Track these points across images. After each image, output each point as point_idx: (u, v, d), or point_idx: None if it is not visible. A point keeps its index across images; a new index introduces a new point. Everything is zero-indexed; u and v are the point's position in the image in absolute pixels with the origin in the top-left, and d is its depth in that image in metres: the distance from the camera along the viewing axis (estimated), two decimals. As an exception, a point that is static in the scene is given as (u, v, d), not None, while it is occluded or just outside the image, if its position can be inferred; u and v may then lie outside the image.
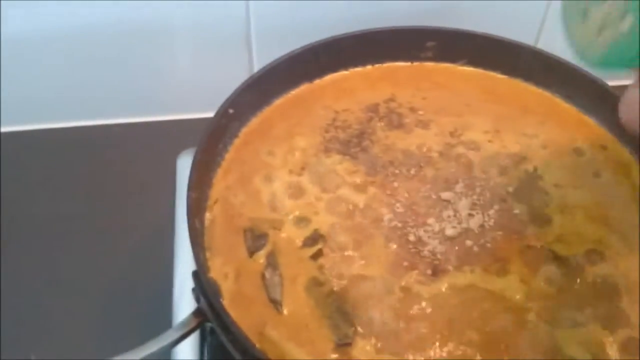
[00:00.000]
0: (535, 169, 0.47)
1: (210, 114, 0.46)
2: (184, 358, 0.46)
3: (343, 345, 0.38)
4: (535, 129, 0.49)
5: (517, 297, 0.40)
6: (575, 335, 0.38)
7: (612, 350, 0.38)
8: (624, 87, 0.41)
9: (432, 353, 0.37)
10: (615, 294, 0.40)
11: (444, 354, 0.37)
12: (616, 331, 0.38)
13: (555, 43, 0.62)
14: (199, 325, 0.37)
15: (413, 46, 0.53)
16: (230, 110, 0.47)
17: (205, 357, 0.46)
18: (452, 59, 0.54)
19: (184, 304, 0.47)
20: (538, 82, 0.52)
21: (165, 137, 0.64)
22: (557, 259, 0.42)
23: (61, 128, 0.65)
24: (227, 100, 0.47)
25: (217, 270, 0.41)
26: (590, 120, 0.50)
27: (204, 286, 0.37)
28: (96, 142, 0.66)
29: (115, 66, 0.64)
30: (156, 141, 0.65)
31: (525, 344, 0.38)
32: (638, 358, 0.37)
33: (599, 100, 0.49)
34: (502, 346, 0.38)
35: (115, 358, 0.33)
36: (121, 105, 0.67)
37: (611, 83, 0.49)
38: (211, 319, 0.36)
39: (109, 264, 0.56)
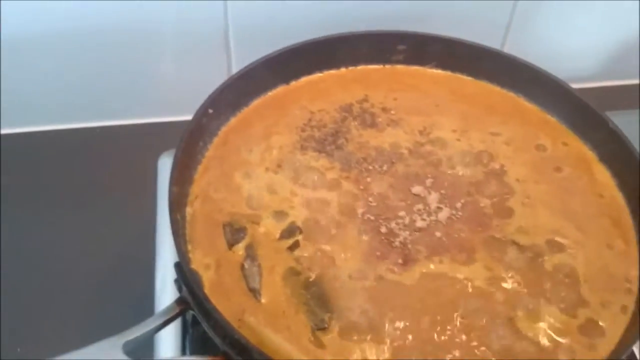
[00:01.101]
0: (501, 165, 0.49)
1: (190, 117, 0.48)
2: (166, 349, 0.47)
3: (319, 330, 0.40)
4: (500, 128, 0.52)
5: (482, 283, 0.42)
6: (535, 319, 0.41)
7: (572, 333, 0.40)
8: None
9: (404, 337, 0.40)
10: (574, 281, 0.43)
11: (415, 339, 0.40)
12: (576, 315, 0.41)
13: (520, 45, 0.66)
14: (181, 313, 0.38)
15: (385, 49, 0.56)
16: (210, 110, 0.49)
17: (187, 349, 0.47)
18: (422, 62, 0.56)
19: (166, 295, 0.49)
20: (502, 83, 0.55)
21: (146, 139, 0.66)
22: (519, 248, 0.44)
23: (45, 131, 0.67)
24: (207, 99, 0.49)
25: (198, 262, 0.43)
26: (552, 119, 0.53)
27: (186, 275, 0.38)
28: (79, 145, 0.68)
29: (96, 70, 0.65)
30: (137, 143, 0.66)
31: (489, 327, 0.40)
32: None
33: (560, 99, 0.52)
34: (467, 330, 0.40)
35: (101, 341, 0.34)
36: (102, 108, 0.68)
37: (572, 85, 0.52)
38: (193, 306, 0.38)
39: (92, 260, 0.58)
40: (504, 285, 0.42)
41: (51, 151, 0.66)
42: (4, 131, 0.66)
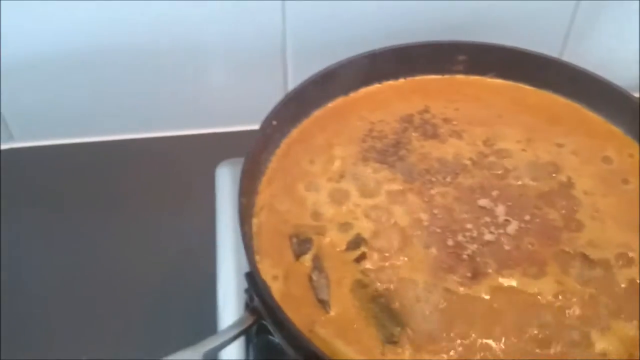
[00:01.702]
0: (568, 177, 0.49)
1: (246, 127, 0.49)
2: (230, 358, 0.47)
3: (390, 343, 0.40)
4: (565, 139, 0.51)
5: (554, 298, 0.41)
6: (609, 334, 0.40)
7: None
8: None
9: (475, 352, 0.39)
10: (645, 295, 0.42)
11: (486, 353, 0.39)
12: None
13: (580, 52, 0.65)
14: (255, 323, 0.39)
15: (445, 60, 0.56)
16: (274, 122, 0.49)
17: (251, 358, 0.48)
18: (482, 72, 0.56)
19: (229, 307, 0.49)
20: (566, 93, 0.54)
21: (204, 149, 0.67)
22: (590, 262, 0.43)
23: (105, 141, 0.68)
24: (272, 112, 0.49)
25: (266, 272, 0.43)
26: (617, 130, 0.52)
27: (258, 285, 0.39)
28: (134, 156, 0.69)
29: (155, 82, 0.66)
30: (194, 154, 0.67)
31: (563, 340, 0.39)
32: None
33: (625, 110, 0.51)
34: (540, 345, 0.40)
35: (175, 356, 0.35)
36: (161, 119, 0.70)
37: (636, 94, 0.51)
38: (265, 316, 0.38)
39: (151, 272, 0.58)
40: (577, 299, 0.42)
41: (110, 162, 0.67)
42: (82, 139, 0.68)
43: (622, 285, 0.42)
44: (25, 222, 0.62)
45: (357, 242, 0.45)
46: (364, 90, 0.56)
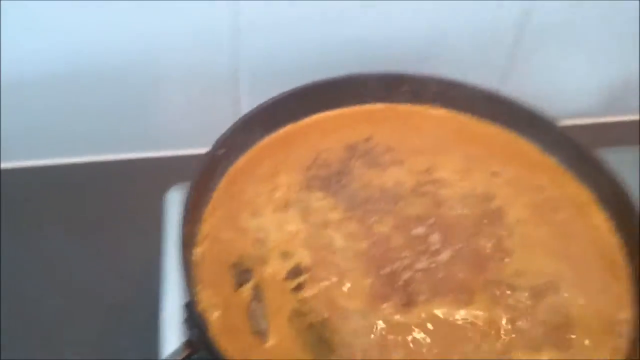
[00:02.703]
0: (501, 206, 0.51)
1: (197, 151, 0.50)
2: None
3: (323, 372, 0.41)
4: (501, 168, 0.54)
5: (481, 325, 0.44)
6: (533, 361, 0.42)
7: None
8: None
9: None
10: (569, 323, 0.44)
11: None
12: (570, 357, 0.42)
13: (520, 82, 0.68)
14: (190, 355, 0.40)
15: (390, 90, 0.57)
16: (221, 151, 0.51)
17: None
18: (425, 102, 0.58)
19: (172, 336, 0.50)
20: (503, 123, 0.56)
21: (154, 173, 0.67)
22: (516, 290, 0.46)
23: (51, 165, 0.68)
24: (218, 140, 0.50)
25: (206, 302, 0.44)
26: (551, 160, 0.54)
27: (195, 318, 0.40)
28: (85, 179, 0.69)
29: (105, 105, 0.67)
30: (144, 177, 0.68)
31: (488, 369, 0.42)
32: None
33: (558, 141, 0.54)
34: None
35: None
36: (110, 142, 0.70)
37: (568, 122, 0.53)
38: (201, 349, 0.40)
39: (95, 298, 0.58)
40: (502, 326, 0.44)
41: (57, 186, 0.67)
42: (6, 165, 0.68)
43: (546, 315, 0.44)
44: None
45: (296, 271, 0.46)
46: (313, 118, 0.58)
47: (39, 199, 0.66)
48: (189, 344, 0.40)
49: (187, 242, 0.46)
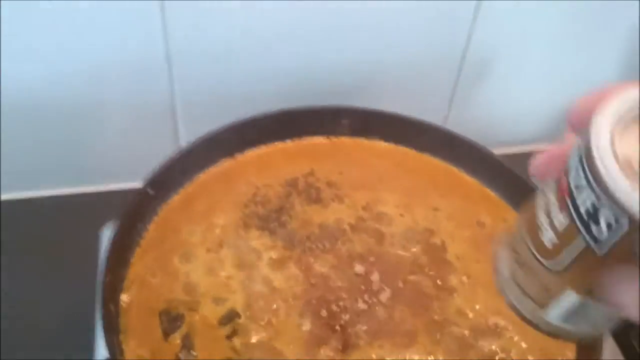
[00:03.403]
0: (442, 242, 0.50)
1: (138, 185, 0.47)
2: None
3: None
4: (442, 202, 0.53)
5: (422, 369, 0.42)
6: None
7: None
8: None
9: None
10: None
11: None
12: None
13: (465, 112, 0.68)
14: (109, 415, 0.37)
15: (329, 123, 0.56)
16: (150, 191, 0.48)
17: None
18: (366, 135, 0.57)
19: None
20: (444, 157, 0.56)
21: (92, 208, 0.64)
22: (458, 331, 0.44)
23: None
24: (146, 180, 0.48)
25: (132, 353, 0.41)
26: (491, 194, 0.54)
27: (114, 374, 0.37)
28: (22, 214, 0.66)
29: (41, 138, 0.64)
30: (82, 213, 0.65)
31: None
32: None
33: (497, 174, 0.53)
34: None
35: None
36: (45, 176, 0.67)
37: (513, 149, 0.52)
38: (122, 407, 0.37)
39: (28, 340, 0.55)
40: (444, 370, 0.42)
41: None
42: None
43: (489, 355, 0.43)
44: None
45: (230, 316, 0.44)
46: (250, 153, 0.56)
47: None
48: (108, 402, 0.37)
49: (111, 291, 0.43)
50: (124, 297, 0.44)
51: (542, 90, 0.71)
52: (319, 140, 0.57)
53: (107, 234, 0.58)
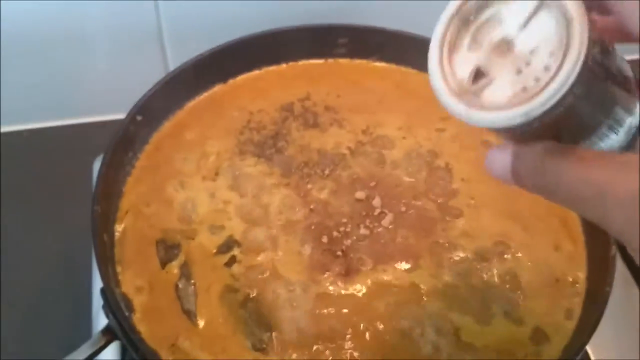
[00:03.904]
0: (446, 164, 0.48)
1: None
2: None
3: (257, 350, 0.38)
4: (446, 123, 0.50)
5: (427, 291, 0.41)
6: (480, 326, 0.40)
7: (517, 340, 0.39)
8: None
9: (346, 353, 0.38)
10: (518, 286, 0.42)
11: (356, 352, 0.38)
12: (521, 322, 0.40)
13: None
14: (108, 343, 0.36)
15: (325, 43, 0.53)
16: (139, 117, 0.46)
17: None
18: (365, 55, 0.54)
19: (103, 319, 0.46)
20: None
21: (82, 140, 0.62)
22: (463, 253, 0.43)
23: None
24: (134, 107, 0.46)
25: (129, 284, 0.40)
26: (497, 113, 0.51)
27: (111, 304, 0.36)
28: (7, 149, 0.64)
29: (29, 70, 0.61)
30: (72, 146, 0.63)
31: (434, 337, 0.39)
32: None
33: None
34: (411, 342, 0.39)
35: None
36: (35, 109, 0.65)
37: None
38: (120, 336, 0.36)
39: (24, 277, 0.54)
40: (449, 292, 0.41)
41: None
42: None
43: (494, 276, 0.42)
44: None
45: (228, 244, 0.43)
46: (243, 77, 0.53)
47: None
48: (106, 331, 0.36)
49: (104, 221, 0.42)
50: (118, 227, 0.43)
51: None
52: (315, 62, 0.54)
53: (98, 166, 0.56)
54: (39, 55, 0.60)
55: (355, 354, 0.38)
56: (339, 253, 0.43)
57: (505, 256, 0.43)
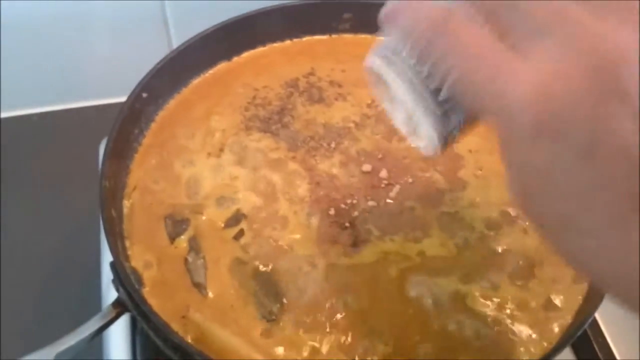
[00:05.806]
0: (452, 136, 0.48)
1: None
2: (115, 349, 0.45)
3: (268, 321, 0.38)
4: (451, 96, 0.50)
5: (435, 259, 0.41)
6: (488, 295, 0.40)
7: (526, 308, 0.39)
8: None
9: (357, 324, 0.38)
10: (526, 255, 0.41)
11: (368, 324, 0.38)
12: (529, 289, 0.40)
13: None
14: (119, 316, 0.36)
15: (330, 19, 0.53)
16: (144, 94, 0.46)
17: (137, 349, 0.45)
18: (369, 30, 0.53)
19: (112, 294, 0.47)
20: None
21: (87, 123, 0.63)
22: (471, 222, 0.43)
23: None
24: (139, 84, 0.46)
25: (138, 259, 0.41)
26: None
27: (121, 277, 0.36)
28: (15, 133, 0.64)
29: (35, 54, 0.61)
30: (78, 129, 0.63)
31: (443, 304, 0.39)
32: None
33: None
34: (421, 311, 0.39)
35: (28, 357, 0.32)
36: (40, 93, 0.65)
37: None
38: (131, 308, 0.36)
39: (33, 254, 0.55)
40: (458, 261, 0.41)
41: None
42: None
43: (502, 246, 0.42)
44: None
45: (237, 218, 0.43)
46: (247, 54, 0.53)
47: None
48: (117, 304, 0.36)
49: (112, 196, 0.42)
50: (127, 203, 0.43)
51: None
52: (319, 38, 0.54)
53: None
54: (41, 38, 0.60)
55: (365, 326, 0.38)
56: (347, 224, 0.43)
57: (513, 225, 0.43)
